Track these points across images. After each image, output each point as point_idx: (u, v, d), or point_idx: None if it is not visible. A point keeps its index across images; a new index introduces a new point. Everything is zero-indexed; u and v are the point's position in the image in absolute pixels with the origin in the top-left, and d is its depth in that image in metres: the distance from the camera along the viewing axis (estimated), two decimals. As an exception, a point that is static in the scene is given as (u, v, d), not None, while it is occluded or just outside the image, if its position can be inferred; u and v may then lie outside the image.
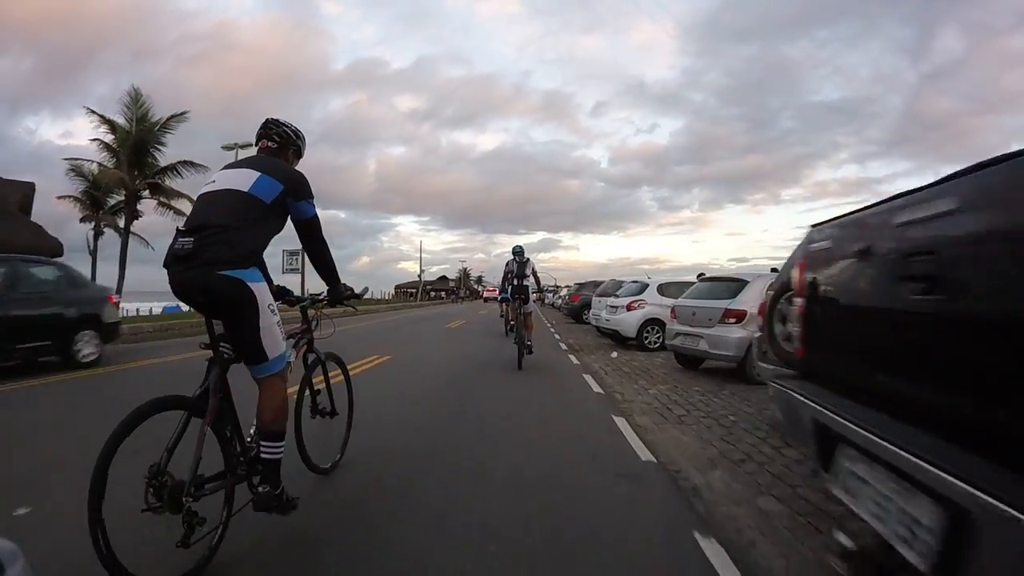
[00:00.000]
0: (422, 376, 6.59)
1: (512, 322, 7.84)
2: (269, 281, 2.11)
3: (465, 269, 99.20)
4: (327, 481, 2.86)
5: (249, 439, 2.19)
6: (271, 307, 2.05)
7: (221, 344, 2.06)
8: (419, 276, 62.42)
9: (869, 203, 1.70)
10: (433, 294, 75.54)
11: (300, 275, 22.34)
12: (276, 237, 2.19)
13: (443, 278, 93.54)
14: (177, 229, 1.98)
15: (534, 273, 7.89)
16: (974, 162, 1.25)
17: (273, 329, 2.04)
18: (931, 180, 1.39)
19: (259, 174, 2.09)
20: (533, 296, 7.91)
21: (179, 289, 1.98)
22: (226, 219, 1.96)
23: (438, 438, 3.75)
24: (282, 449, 2.13)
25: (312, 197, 2.24)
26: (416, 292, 63.16)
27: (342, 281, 2.55)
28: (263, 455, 2.10)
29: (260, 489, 2.09)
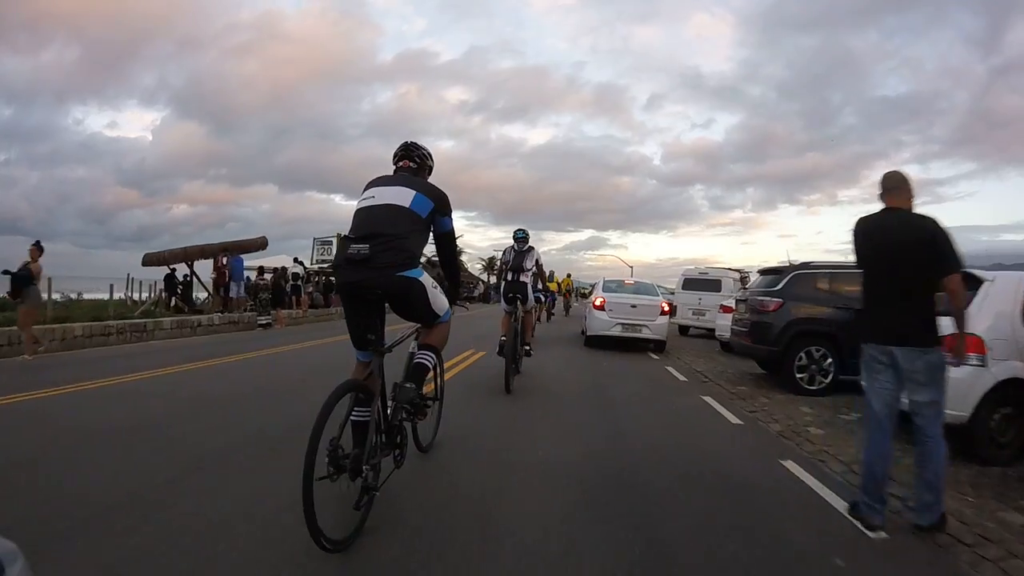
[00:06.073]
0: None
1: (504, 337, 5.47)
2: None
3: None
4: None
5: (388, 416, 2.54)
6: (434, 286, 2.47)
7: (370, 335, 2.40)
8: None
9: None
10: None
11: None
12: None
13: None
14: (347, 237, 2.33)
15: (538, 266, 6.05)
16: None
17: (438, 298, 2.55)
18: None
19: (415, 192, 2.43)
20: (536, 297, 6.24)
21: (350, 288, 2.32)
22: (395, 229, 2.30)
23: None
24: (433, 360, 2.65)
25: (452, 212, 2.59)
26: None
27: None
28: (418, 360, 2.59)
29: (407, 385, 2.45)
